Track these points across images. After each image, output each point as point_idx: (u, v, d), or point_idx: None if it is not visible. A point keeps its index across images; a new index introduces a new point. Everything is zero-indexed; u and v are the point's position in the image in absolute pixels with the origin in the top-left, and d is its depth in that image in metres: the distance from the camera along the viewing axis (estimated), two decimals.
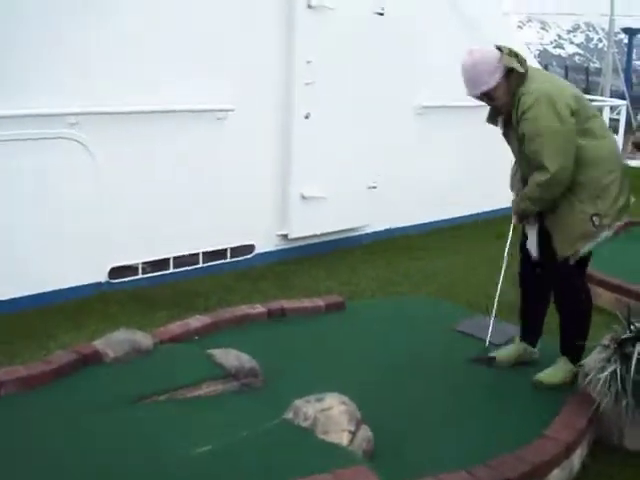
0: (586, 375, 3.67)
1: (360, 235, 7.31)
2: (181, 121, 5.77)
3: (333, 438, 3.04)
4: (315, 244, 6.85)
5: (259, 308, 4.66)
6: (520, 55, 3.79)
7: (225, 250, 6.28)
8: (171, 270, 5.94)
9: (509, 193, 4.15)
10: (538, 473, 3.17)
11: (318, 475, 2.81)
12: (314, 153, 6.53)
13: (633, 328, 3.65)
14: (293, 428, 3.12)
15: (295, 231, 6.64)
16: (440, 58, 7.21)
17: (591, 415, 3.57)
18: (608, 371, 3.52)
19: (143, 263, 5.78)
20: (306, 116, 6.46)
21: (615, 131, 10.50)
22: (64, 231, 5.25)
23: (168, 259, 5.92)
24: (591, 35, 50.71)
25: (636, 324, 3.67)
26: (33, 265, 5.14)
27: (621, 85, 21.19)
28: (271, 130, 6.38)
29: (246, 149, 6.19)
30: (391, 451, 3.23)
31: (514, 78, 3.74)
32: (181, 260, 6.01)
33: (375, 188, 7.15)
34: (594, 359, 3.66)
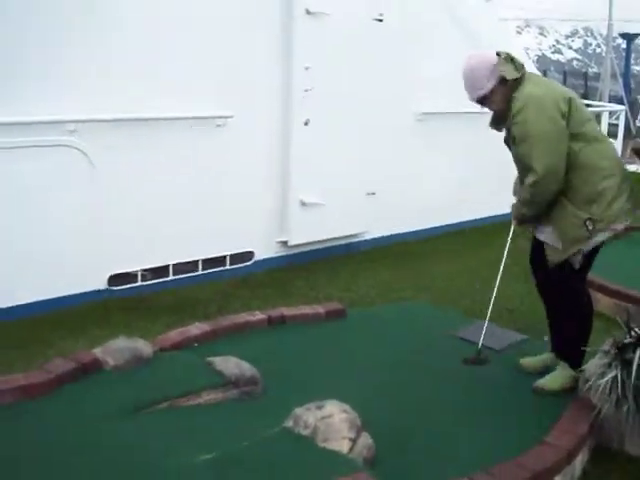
0: (586, 381, 3.66)
1: (359, 242, 7.31)
2: (180, 128, 5.78)
3: (333, 446, 3.03)
4: (315, 251, 6.85)
5: (259, 315, 4.64)
6: (517, 60, 3.80)
7: (224, 257, 6.28)
8: (171, 277, 5.93)
9: (509, 199, 4.14)
10: None
11: None
12: (313, 159, 6.53)
13: (633, 333, 3.65)
14: (293, 436, 3.11)
15: (294, 238, 6.64)
16: (439, 64, 7.24)
17: (592, 421, 3.57)
18: (609, 377, 3.52)
19: (143, 270, 5.78)
20: (305, 122, 6.46)
21: (614, 136, 10.51)
22: (63, 239, 5.25)
23: (168, 266, 5.92)
24: (589, 40, 50.88)
25: (636, 329, 3.67)
26: (32, 273, 5.14)
27: (619, 90, 21.25)
28: (270, 137, 6.39)
29: (245, 156, 6.19)
30: (392, 458, 3.23)
31: (510, 83, 3.76)
32: (181, 267, 6.01)
33: (374, 195, 7.15)
34: (594, 365, 3.65)
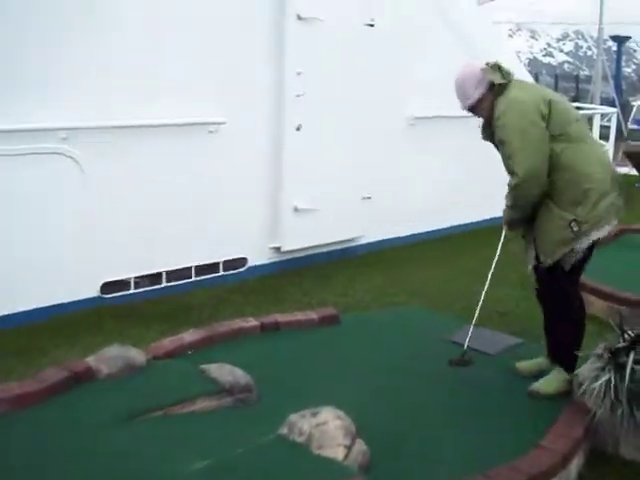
0: (580, 385, 3.66)
1: (356, 246, 7.30)
2: (172, 135, 5.78)
3: (328, 453, 3.02)
4: (309, 256, 6.84)
5: (252, 322, 4.63)
6: (504, 68, 3.86)
7: (218, 263, 6.27)
8: (164, 284, 5.92)
9: (502, 203, 4.14)
10: None
11: None
12: (306, 165, 6.52)
13: (626, 337, 3.65)
14: (288, 444, 3.10)
15: (288, 244, 6.63)
16: (431, 69, 7.25)
17: (587, 424, 3.57)
18: (602, 380, 3.52)
19: (136, 277, 5.77)
20: (297, 128, 6.46)
21: (606, 138, 10.55)
22: (56, 246, 5.23)
23: (161, 273, 5.91)
24: (580, 43, 51.08)
25: (629, 332, 3.67)
26: (25, 281, 5.12)
27: (611, 92, 21.32)
28: (263, 142, 6.38)
29: (238, 162, 6.19)
30: (387, 463, 3.22)
31: (497, 89, 3.81)
32: (174, 274, 6.00)
33: (370, 199, 7.15)
34: (588, 368, 3.65)
